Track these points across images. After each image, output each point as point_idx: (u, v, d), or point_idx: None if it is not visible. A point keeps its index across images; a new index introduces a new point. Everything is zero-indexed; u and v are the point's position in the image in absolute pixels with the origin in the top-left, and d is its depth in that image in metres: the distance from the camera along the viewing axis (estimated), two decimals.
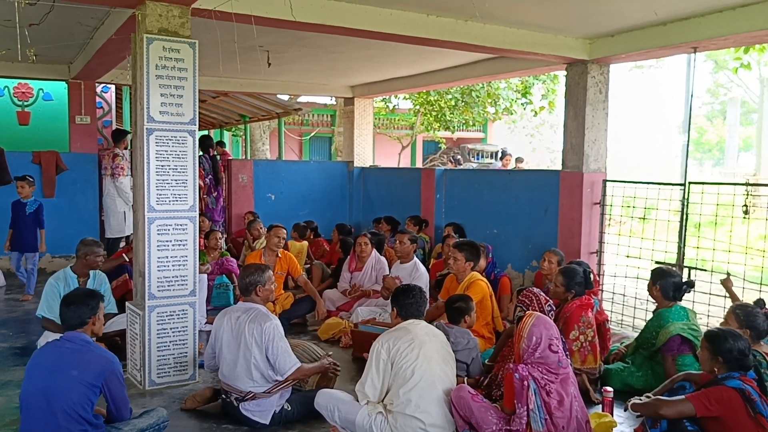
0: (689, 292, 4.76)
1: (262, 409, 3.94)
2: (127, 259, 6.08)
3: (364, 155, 10.88)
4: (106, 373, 3.22)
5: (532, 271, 7.24)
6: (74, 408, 3.13)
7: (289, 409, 4.01)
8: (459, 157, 18.08)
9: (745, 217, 6.73)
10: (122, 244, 8.97)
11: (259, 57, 7.61)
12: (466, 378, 4.25)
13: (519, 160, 15.81)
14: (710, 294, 6.36)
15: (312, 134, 21.97)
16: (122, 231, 8.70)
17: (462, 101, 14.31)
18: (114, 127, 11.60)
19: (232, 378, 3.98)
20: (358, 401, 3.64)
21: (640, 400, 3.52)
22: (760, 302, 4.21)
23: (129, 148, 8.60)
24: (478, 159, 18.95)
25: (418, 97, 15.04)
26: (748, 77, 23.12)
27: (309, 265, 8.10)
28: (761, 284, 5.71)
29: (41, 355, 3.34)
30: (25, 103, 11.28)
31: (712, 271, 6.71)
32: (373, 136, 11.57)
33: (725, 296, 5.70)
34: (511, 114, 15.72)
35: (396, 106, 17.22)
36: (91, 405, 3.21)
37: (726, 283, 5.44)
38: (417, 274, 6.20)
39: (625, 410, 3.74)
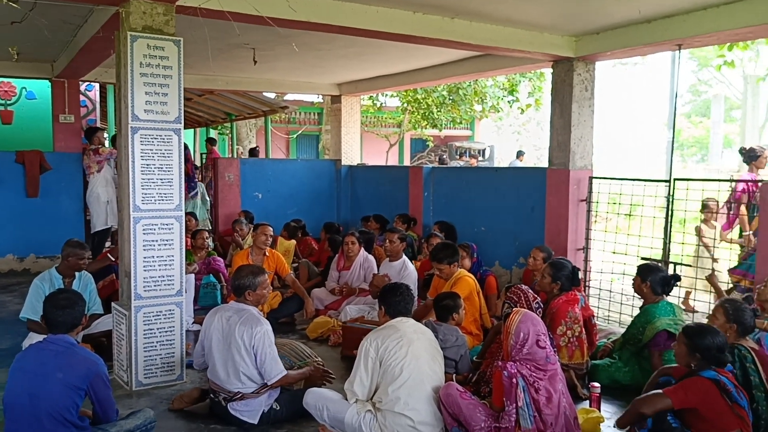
0: (676, 285, 4.80)
1: (250, 408, 3.92)
2: (114, 259, 6.02)
3: (351, 153, 10.85)
4: (91, 375, 3.19)
5: (520, 268, 7.27)
6: (59, 411, 3.09)
7: (278, 408, 3.99)
8: (446, 156, 18.12)
9: (729, 213, 6.80)
10: (108, 243, 8.89)
11: (244, 55, 7.56)
12: (454, 375, 4.26)
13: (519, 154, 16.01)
14: (695, 289, 6.43)
15: (299, 132, 21.92)
16: (105, 222, 8.58)
17: (449, 99, 14.35)
18: (98, 125, 11.49)
19: (220, 377, 3.95)
20: (347, 400, 3.64)
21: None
22: (748, 298, 4.25)
23: (104, 144, 8.49)
24: (467, 156, 19.01)
25: (405, 95, 15.05)
26: (731, 74, 23.35)
27: (296, 264, 8.08)
28: None
29: (24, 357, 3.29)
30: (8, 102, 11.14)
31: (697, 267, 6.78)
32: (360, 134, 11.55)
33: (710, 292, 5.75)
34: (498, 112, 15.78)
35: (383, 104, 17.20)
36: (77, 407, 3.17)
37: (711, 279, 5.50)
38: (406, 272, 6.20)
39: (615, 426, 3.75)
